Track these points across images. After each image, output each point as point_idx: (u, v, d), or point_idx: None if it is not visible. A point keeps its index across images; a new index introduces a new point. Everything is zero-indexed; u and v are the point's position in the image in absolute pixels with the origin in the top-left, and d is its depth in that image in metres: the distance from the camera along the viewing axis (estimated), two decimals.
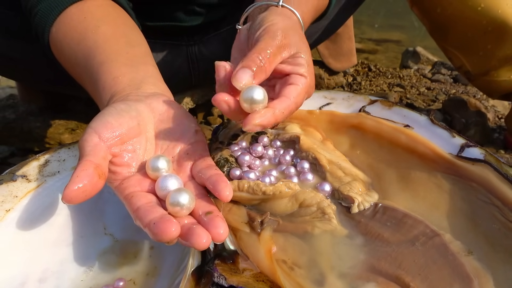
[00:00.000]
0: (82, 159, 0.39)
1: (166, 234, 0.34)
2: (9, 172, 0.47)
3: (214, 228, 0.36)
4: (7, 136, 0.92)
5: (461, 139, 0.49)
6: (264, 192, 0.45)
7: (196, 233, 0.35)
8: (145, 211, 0.37)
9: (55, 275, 0.45)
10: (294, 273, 0.41)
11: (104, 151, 0.40)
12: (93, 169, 0.38)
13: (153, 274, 0.46)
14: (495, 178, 0.44)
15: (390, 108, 0.55)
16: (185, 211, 0.38)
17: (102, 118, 0.41)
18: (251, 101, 0.40)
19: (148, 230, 0.36)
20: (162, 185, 0.40)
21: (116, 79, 0.46)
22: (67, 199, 0.36)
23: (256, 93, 0.39)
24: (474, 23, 0.76)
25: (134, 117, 0.42)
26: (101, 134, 0.40)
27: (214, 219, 0.37)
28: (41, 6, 0.52)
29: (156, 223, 0.35)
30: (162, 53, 0.85)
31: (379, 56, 1.96)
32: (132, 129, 0.42)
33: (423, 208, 0.46)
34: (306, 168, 0.50)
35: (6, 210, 0.44)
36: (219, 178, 0.40)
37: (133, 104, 0.43)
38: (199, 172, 0.42)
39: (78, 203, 0.37)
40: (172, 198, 0.38)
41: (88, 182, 0.37)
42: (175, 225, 0.35)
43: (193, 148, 0.44)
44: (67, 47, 0.51)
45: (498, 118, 1.03)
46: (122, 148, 0.42)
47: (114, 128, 0.41)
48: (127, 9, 0.57)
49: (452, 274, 0.39)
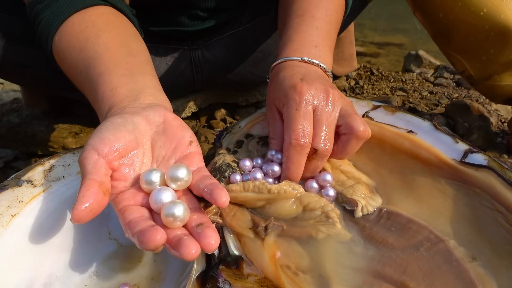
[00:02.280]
0: (85, 178, 0.39)
1: (152, 242, 0.35)
2: (15, 177, 0.48)
3: (205, 238, 0.36)
4: (11, 140, 0.93)
5: (464, 145, 0.49)
6: (269, 190, 0.46)
7: (185, 244, 0.35)
8: (135, 223, 0.38)
9: (60, 280, 0.45)
10: (298, 278, 0.41)
11: (104, 167, 0.41)
12: (97, 187, 0.39)
13: (157, 279, 0.46)
14: (499, 184, 0.44)
15: (394, 114, 0.55)
16: (179, 223, 0.38)
17: (100, 134, 0.42)
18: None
19: (136, 238, 0.36)
20: (156, 198, 0.40)
21: (114, 90, 0.47)
22: (76, 219, 0.37)
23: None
24: (477, 28, 0.76)
25: (131, 130, 0.43)
26: (99, 150, 0.41)
27: (205, 230, 0.37)
28: (44, 14, 0.52)
29: (143, 231, 0.36)
30: (165, 58, 0.86)
31: (381, 60, 1.96)
32: (129, 143, 0.43)
33: (427, 214, 0.46)
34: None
35: (12, 215, 0.44)
36: (215, 186, 0.40)
37: (129, 117, 0.44)
38: (196, 183, 0.42)
39: (87, 221, 0.38)
40: (166, 210, 0.38)
41: (94, 200, 0.38)
42: (161, 233, 0.36)
43: (188, 160, 0.44)
44: (69, 56, 0.51)
45: (501, 122, 1.03)
46: (120, 162, 0.43)
47: (112, 143, 0.42)
48: (130, 17, 0.57)
49: (456, 280, 0.39)
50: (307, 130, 0.47)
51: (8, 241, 0.43)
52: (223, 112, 1.03)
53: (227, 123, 1.02)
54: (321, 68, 0.54)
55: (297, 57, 0.53)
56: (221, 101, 1.04)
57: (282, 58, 0.54)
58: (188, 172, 0.42)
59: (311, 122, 0.48)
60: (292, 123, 0.47)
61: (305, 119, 0.47)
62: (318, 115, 0.48)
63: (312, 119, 0.48)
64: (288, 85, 0.50)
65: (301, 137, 0.46)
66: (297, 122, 0.47)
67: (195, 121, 1.04)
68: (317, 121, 0.48)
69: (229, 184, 0.47)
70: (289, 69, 0.52)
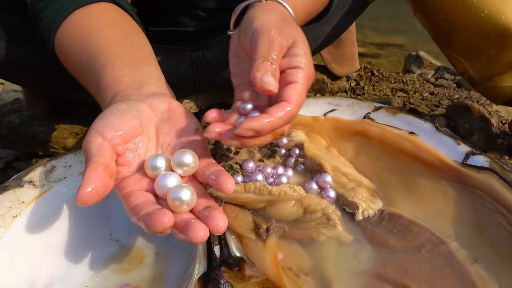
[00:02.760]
0: (90, 160, 0.39)
1: (159, 224, 0.34)
2: (16, 178, 0.48)
3: (213, 219, 0.36)
4: (12, 140, 0.93)
5: (466, 147, 0.49)
6: (270, 192, 0.46)
7: (193, 226, 0.35)
8: (141, 207, 0.38)
9: (61, 281, 0.45)
10: (300, 280, 0.41)
11: (109, 151, 0.40)
12: (103, 170, 0.38)
13: (159, 280, 0.46)
14: (501, 186, 0.44)
15: (395, 115, 0.55)
16: (186, 207, 0.38)
17: (104, 119, 0.41)
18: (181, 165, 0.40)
19: (142, 222, 0.36)
20: (162, 183, 0.40)
21: (118, 79, 0.47)
22: (81, 201, 0.36)
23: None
24: (478, 29, 0.76)
25: (135, 116, 0.43)
26: (104, 134, 0.40)
27: (213, 212, 0.37)
28: (46, 11, 0.52)
29: (150, 214, 0.35)
30: (166, 58, 0.86)
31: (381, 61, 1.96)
32: (134, 128, 0.42)
33: (428, 216, 0.46)
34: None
35: (14, 216, 0.44)
36: (221, 172, 0.40)
37: (134, 103, 0.43)
38: (201, 169, 0.42)
39: (92, 204, 0.37)
40: (173, 194, 0.38)
41: (100, 182, 0.37)
42: (169, 216, 0.35)
43: (194, 146, 0.44)
44: (71, 51, 0.51)
45: (502, 123, 1.03)
46: (125, 147, 0.42)
47: (117, 128, 0.41)
48: (132, 14, 0.57)
49: (458, 283, 0.39)
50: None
51: (9, 242, 0.43)
52: None
53: None
54: (284, 7, 0.51)
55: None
56: (222, 101, 1.04)
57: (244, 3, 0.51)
58: (194, 157, 0.42)
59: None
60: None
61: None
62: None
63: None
64: (259, 29, 0.46)
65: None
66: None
67: None
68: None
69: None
70: (254, 13, 0.48)
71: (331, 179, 0.49)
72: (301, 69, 0.43)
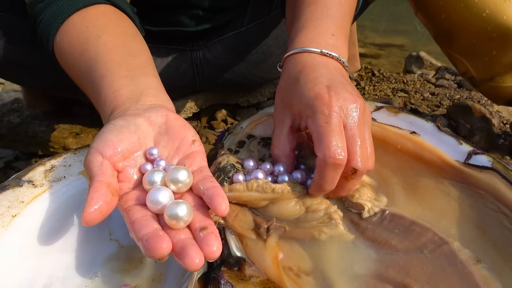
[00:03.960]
0: (92, 180, 0.39)
1: (157, 251, 0.35)
2: (15, 178, 0.47)
3: (207, 246, 0.36)
4: (11, 140, 0.93)
5: (468, 146, 0.49)
6: (273, 189, 0.45)
7: (188, 254, 0.35)
8: (140, 225, 0.38)
9: (60, 281, 0.45)
10: (301, 280, 0.41)
11: (110, 169, 0.41)
12: (105, 189, 0.38)
13: (158, 280, 0.46)
14: (503, 186, 0.44)
15: (396, 115, 0.55)
16: (182, 224, 0.38)
17: (103, 137, 0.42)
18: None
19: (141, 245, 0.36)
20: (153, 199, 0.40)
21: (116, 92, 0.47)
22: (86, 222, 0.37)
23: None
24: (479, 29, 0.76)
25: (133, 132, 0.43)
26: (104, 153, 0.41)
27: (208, 237, 0.36)
28: (45, 14, 0.52)
29: (148, 239, 0.36)
30: (166, 58, 0.86)
31: (382, 61, 1.96)
32: (132, 144, 0.43)
33: (430, 216, 0.46)
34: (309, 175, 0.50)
35: (13, 215, 0.44)
36: (216, 191, 0.39)
37: (131, 119, 0.44)
38: (196, 183, 0.42)
39: (97, 223, 0.38)
40: (169, 210, 0.38)
41: (103, 202, 0.38)
42: (167, 242, 0.35)
43: (191, 159, 0.44)
44: (71, 57, 0.51)
45: (503, 124, 1.02)
46: (124, 164, 0.43)
47: (115, 145, 0.42)
48: (131, 15, 0.57)
49: (461, 283, 0.39)
50: (342, 146, 0.43)
51: (8, 242, 0.43)
52: (224, 112, 1.03)
53: (228, 123, 1.02)
54: (341, 62, 0.51)
55: (315, 49, 0.49)
56: (222, 101, 1.03)
57: (299, 48, 0.50)
58: (189, 174, 0.41)
59: (343, 137, 0.44)
60: (325, 139, 0.43)
61: (337, 134, 0.43)
62: (350, 130, 0.44)
63: (343, 134, 0.44)
64: (314, 94, 0.45)
65: (337, 154, 0.43)
66: (330, 137, 0.43)
67: (196, 121, 1.04)
68: (350, 136, 0.44)
69: (233, 184, 0.47)
70: (309, 69, 0.48)
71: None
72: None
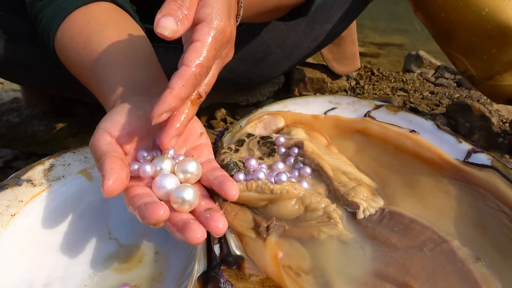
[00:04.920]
0: (105, 156, 0.38)
1: (153, 215, 0.34)
2: (14, 177, 0.47)
3: (213, 221, 0.36)
4: (11, 139, 0.92)
5: (467, 145, 0.49)
6: (272, 190, 0.45)
7: (191, 227, 0.35)
8: (139, 197, 0.38)
9: (59, 280, 0.45)
10: (300, 279, 0.41)
11: (119, 147, 0.41)
12: (121, 161, 0.38)
13: (158, 280, 0.46)
14: (503, 184, 0.44)
15: (396, 113, 0.55)
16: (188, 207, 0.38)
17: (111, 117, 0.42)
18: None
19: (138, 211, 0.36)
20: (160, 184, 0.40)
21: (122, 81, 0.47)
22: (107, 192, 0.36)
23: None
24: (478, 28, 0.76)
25: (142, 116, 0.43)
26: (112, 133, 0.41)
27: (214, 214, 0.37)
28: (45, 12, 0.52)
29: (146, 204, 0.36)
30: (165, 57, 0.85)
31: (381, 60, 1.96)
32: (140, 128, 0.43)
33: (430, 214, 0.46)
34: (307, 173, 0.50)
35: (12, 214, 0.44)
36: (225, 178, 0.40)
37: (140, 104, 0.44)
38: (205, 174, 0.42)
39: (118, 194, 0.37)
40: (176, 193, 0.38)
41: (122, 172, 0.37)
42: (164, 209, 0.35)
43: (199, 151, 0.45)
44: (73, 52, 0.51)
45: (503, 122, 1.02)
46: (131, 146, 0.42)
47: (124, 127, 0.41)
48: (131, 13, 0.57)
49: (460, 281, 0.39)
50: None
51: (7, 241, 0.43)
52: (224, 112, 1.03)
53: (227, 123, 1.01)
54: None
55: None
56: (222, 100, 1.03)
57: None
58: (198, 166, 0.42)
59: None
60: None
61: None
62: None
63: None
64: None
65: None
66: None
67: None
68: None
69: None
70: None
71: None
72: (206, 26, 0.40)
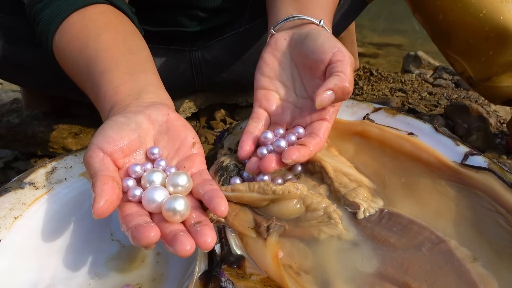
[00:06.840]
0: (97, 175, 0.39)
1: (144, 238, 0.35)
2: (17, 180, 0.48)
3: (202, 236, 0.36)
4: (11, 140, 0.93)
5: (465, 147, 0.49)
6: (274, 191, 0.46)
7: (180, 240, 0.35)
8: (131, 217, 0.38)
9: (63, 281, 0.45)
10: (301, 278, 0.42)
11: (112, 164, 0.41)
12: (112, 181, 0.39)
13: (160, 280, 0.46)
14: (499, 186, 0.44)
15: (394, 116, 0.56)
16: (179, 217, 0.38)
17: (103, 133, 0.42)
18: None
19: (130, 233, 0.36)
20: (149, 197, 0.40)
21: (117, 88, 0.47)
22: (98, 214, 0.37)
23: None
24: (476, 29, 0.76)
25: (134, 129, 0.43)
26: (104, 149, 0.41)
27: (203, 228, 0.37)
28: (44, 13, 0.52)
29: (138, 226, 0.36)
30: (165, 58, 0.86)
31: (380, 60, 1.97)
32: (133, 142, 0.43)
33: (427, 215, 0.46)
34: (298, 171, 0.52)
35: (15, 217, 0.45)
36: (215, 193, 0.40)
37: (132, 116, 0.44)
38: (196, 187, 0.42)
39: (108, 215, 0.38)
40: (168, 204, 0.38)
41: (113, 193, 0.38)
42: (155, 231, 0.36)
43: (191, 161, 0.44)
44: (70, 56, 0.51)
45: (500, 123, 1.03)
46: (124, 161, 0.43)
47: (116, 142, 0.42)
48: (129, 15, 0.57)
49: (458, 281, 0.40)
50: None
51: (11, 243, 0.44)
52: (223, 112, 1.04)
53: (227, 123, 1.02)
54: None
55: (315, 19, 0.52)
56: (221, 101, 1.04)
57: (300, 16, 0.53)
58: (189, 179, 0.42)
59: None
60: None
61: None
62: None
63: None
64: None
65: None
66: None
67: (195, 121, 1.04)
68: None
69: (235, 184, 0.48)
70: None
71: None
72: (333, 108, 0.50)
